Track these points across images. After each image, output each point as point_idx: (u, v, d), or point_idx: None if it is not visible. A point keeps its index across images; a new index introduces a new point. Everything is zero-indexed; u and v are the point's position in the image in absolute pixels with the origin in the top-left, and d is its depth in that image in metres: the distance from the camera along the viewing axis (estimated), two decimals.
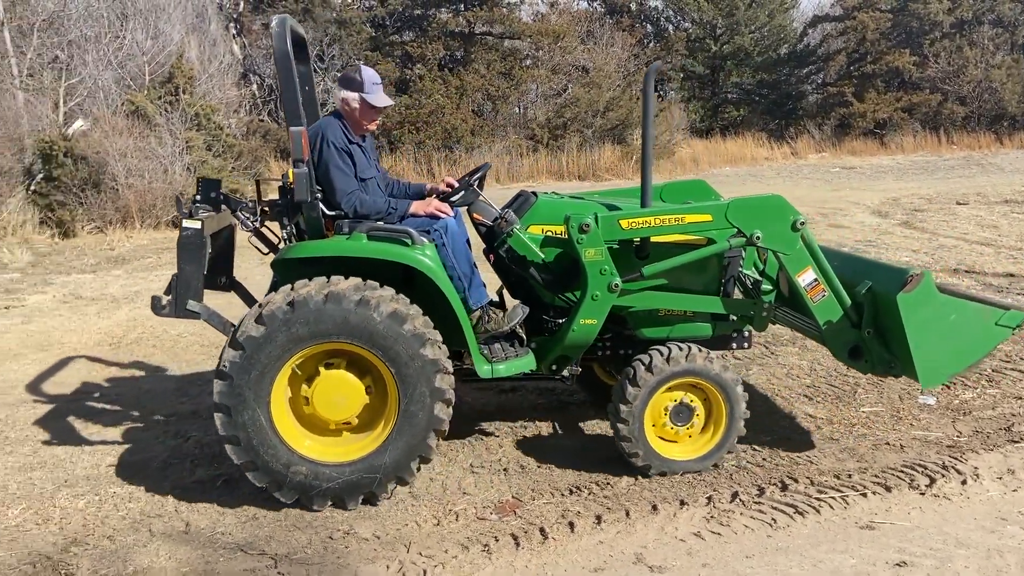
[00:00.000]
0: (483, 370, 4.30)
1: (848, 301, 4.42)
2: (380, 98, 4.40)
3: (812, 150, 25.68)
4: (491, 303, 4.54)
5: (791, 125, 28.09)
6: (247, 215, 4.46)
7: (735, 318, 4.76)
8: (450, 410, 4.12)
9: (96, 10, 16.97)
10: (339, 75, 4.38)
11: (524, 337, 4.57)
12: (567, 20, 23.94)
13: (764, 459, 4.61)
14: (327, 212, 4.29)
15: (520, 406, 5.50)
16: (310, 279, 4.03)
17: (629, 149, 21.66)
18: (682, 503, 4.09)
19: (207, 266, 4.36)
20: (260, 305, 3.99)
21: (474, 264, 4.44)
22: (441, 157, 20.35)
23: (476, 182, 4.60)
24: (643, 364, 4.30)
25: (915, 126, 26.52)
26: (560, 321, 4.49)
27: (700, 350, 4.35)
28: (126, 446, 4.94)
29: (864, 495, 4.14)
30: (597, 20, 25.75)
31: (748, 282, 4.77)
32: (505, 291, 4.83)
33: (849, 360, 4.52)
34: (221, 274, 4.71)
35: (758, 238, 4.24)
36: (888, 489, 4.19)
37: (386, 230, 4.20)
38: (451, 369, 4.11)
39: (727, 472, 4.45)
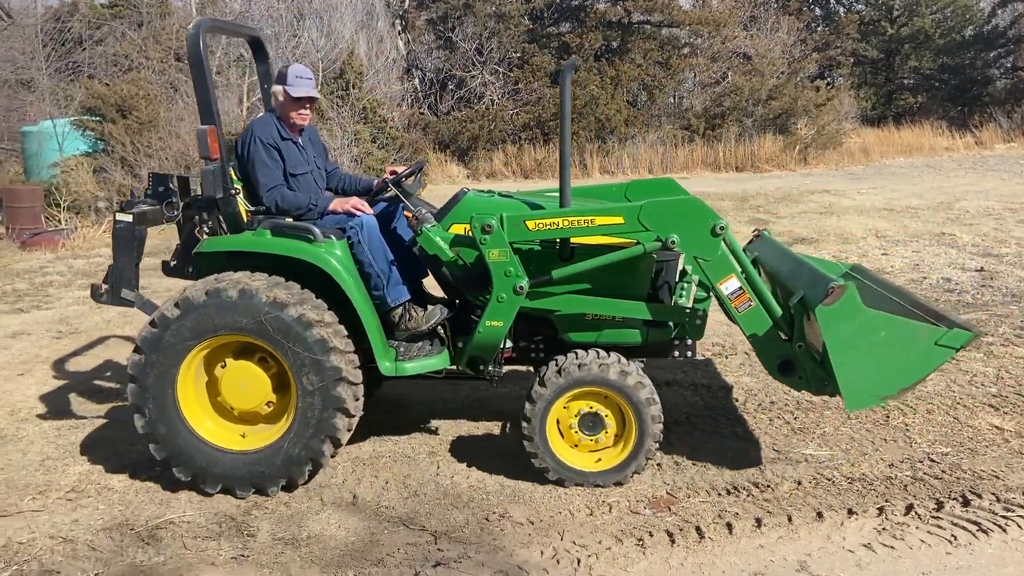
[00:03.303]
0: (385, 367, 4.27)
1: (779, 312, 4.15)
2: (299, 90, 4.45)
3: (999, 139, 23.54)
4: (414, 301, 4.49)
5: (976, 113, 25.90)
6: (170, 209, 4.59)
7: (673, 325, 4.48)
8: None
9: (276, 10, 18.15)
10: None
11: (445, 337, 4.50)
12: (729, 6, 23.14)
13: (943, 471, 4.29)
14: (250, 207, 4.41)
15: (676, 402, 5.40)
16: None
17: (793, 139, 20.70)
18: (850, 512, 3.88)
19: (176, 256, 4.66)
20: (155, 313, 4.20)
21: (394, 262, 4.39)
22: (594, 148, 20.28)
23: (401, 179, 4.61)
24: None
25: None
26: None
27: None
28: None
29: None
30: (762, 5, 24.73)
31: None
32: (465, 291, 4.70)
33: (779, 375, 4.21)
34: (189, 263, 4.79)
35: (673, 243, 3.99)
36: None
37: (290, 227, 4.27)
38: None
39: (900, 483, 4.18)
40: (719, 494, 4.14)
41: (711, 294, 4.48)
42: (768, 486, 4.19)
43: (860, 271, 4.90)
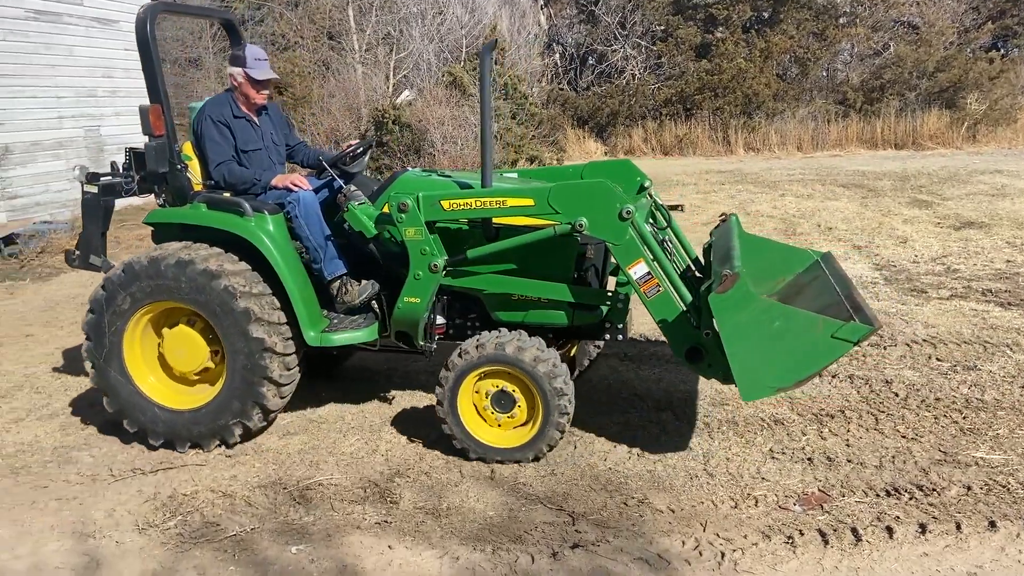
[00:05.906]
0: (310, 337, 4.40)
1: (689, 298, 4.14)
2: (262, 72, 4.72)
3: None
4: (357, 276, 4.62)
5: None
6: (126, 183, 4.78)
7: (604, 308, 4.51)
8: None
9: None
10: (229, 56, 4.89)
11: (379, 312, 4.63)
12: None
13: None
14: (202, 181, 4.69)
15: (831, 395, 5.10)
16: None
17: (961, 115, 19.10)
18: None
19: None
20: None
21: (330, 237, 4.55)
22: (739, 124, 19.50)
23: (340, 159, 4.76)
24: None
25: None
26: None
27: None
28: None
29: None
30: None
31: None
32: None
33: (687, 363, 4.16)
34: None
35: (581, 226, 4.03)
36: None
37: (223, 200, 4.48)
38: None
39: None
40: (877, 495, 3.88)
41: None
42: (933, 490, 3.88)
43: (827, 261, 4.56)
